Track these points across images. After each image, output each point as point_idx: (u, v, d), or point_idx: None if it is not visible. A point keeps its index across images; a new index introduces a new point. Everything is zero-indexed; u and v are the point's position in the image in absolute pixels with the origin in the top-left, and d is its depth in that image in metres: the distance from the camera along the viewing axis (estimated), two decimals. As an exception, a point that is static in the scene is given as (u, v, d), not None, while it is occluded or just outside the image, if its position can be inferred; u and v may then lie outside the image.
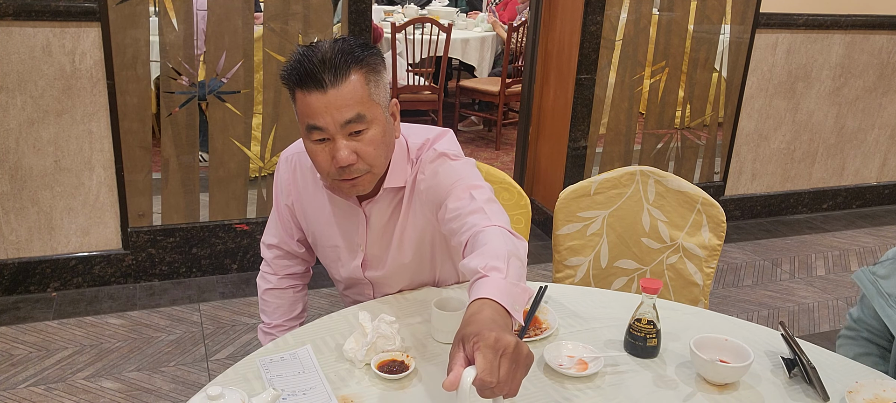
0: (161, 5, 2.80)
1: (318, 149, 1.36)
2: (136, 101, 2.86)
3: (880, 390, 1.26)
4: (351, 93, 1.31)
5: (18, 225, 2.88)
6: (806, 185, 4.35)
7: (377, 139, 1.36)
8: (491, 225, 1.27)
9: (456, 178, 1.40)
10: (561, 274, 2.03)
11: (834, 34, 4.00)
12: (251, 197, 3.19)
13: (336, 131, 1.32)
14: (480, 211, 1.32)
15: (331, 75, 1.30)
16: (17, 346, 2.60)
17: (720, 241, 1.90)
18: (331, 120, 1.31)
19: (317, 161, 1.37)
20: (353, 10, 3.04)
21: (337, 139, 1.33)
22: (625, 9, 3.53)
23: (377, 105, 1.36)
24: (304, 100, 1.32)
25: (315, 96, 1.31)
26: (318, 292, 3.10)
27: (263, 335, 1.75)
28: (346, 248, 1.57)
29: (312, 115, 1.32)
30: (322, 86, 1.30)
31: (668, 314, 1.51)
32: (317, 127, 1.33)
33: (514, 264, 1.17)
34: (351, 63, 1.31)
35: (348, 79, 1.31)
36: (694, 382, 1.31)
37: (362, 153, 1.35)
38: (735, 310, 3.20)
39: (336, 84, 1.30)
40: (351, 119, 1.32)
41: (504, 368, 0.96)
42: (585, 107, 3.62)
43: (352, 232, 1.55)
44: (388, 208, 1.51)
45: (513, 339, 0.98)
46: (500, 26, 5.86)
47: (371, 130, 1.35)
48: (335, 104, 1.30)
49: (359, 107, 1.32)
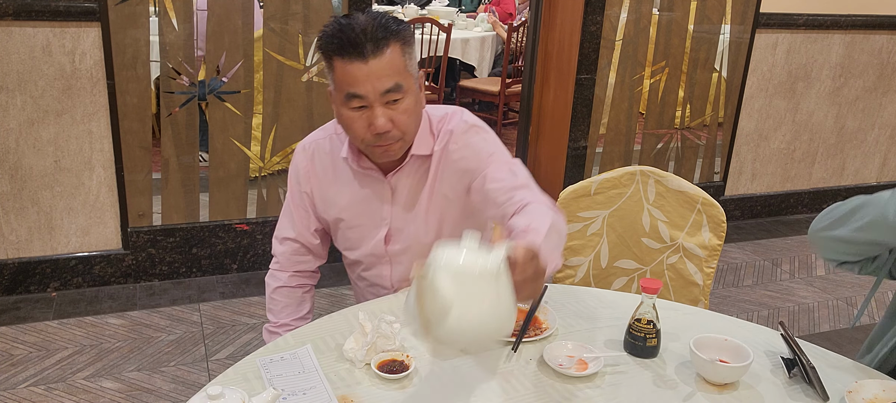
0: (161, 5, 2.80)
1: (356, 116, 1.42)
2: (136, 101, 2.86)
3: (880, 390, 1.26)
4: (390, 63, 1.38)
5: (18, 225, 2.88)
6: (806, 185, 4.35)
7: (411, 108, 1.44)
8: (537, 202, 1.36)
9: (491, 150, 1.50)
10: (561, 274, 2.04)
11: (834, 34, 4.00)
12: (251, 197, 3.19)
13: (375, 99, 1.39)
14: (525, 187, 1.41)
15: (372, 46, 1.36)
16: (17, 346, 2.60)
17: (720, 241, 1.90)
18: (371, 88, 1.38)
19: (353, 127, 1.43)
20: (353, 10, 3.04)
21: (375, 107, 1.40)
22: (625, 9, 3.53)
23: (411, 76, 1.44)
24: (344, 68, 1.38)
25: (356, 66, 1.37)
26: (318, 292, 3.10)
27: (269, 334, 1.75)
28: (371, 225, 1.61)
29: (353, 84, 1.38)
30: (363, 56, 1.36)
31: (668, 314, 1.51)
32: (357, 95, 1.39)
33: (553, 237, 1.27)
34: (390, 35, 1.38)
35: (388, 51, 1.37)
36: (694, 382, 1.31)
37: (397, 121, 1.42)
38: (735, 310, 3.20)
39: (377, 54, 1.36)
40: (390, 88, 1.39)
41: (529, 270, 1.04)
42: (585, 107, 3.62)
43: (376, 206, 1.59)
44: (413, 178, 1.56)
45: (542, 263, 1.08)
46: (500, 26, 5.86)
47: (406, 100, 1.42)
48: (376, 73, 1.37)
49: (397, 77, 1.39)
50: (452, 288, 0.96)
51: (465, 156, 1.51)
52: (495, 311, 0.99)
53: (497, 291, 0.99)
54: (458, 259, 0.98)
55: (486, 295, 0.98)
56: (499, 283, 0.99)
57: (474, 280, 0.97)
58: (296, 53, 3.04)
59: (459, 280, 0.96)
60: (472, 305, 0.97)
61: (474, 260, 0.98)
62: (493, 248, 1.01)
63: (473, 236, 1.01)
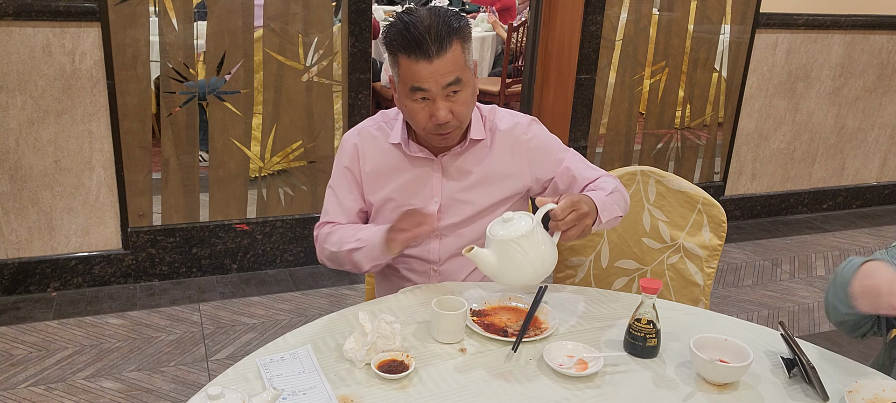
0: (161, 5, 2.80)
1: (419, 108, 1.54)
2: (136, 101, 2.86)
3: (880, 390, 1.26)
4: (452, 60, 1.49)
5: (18, 226, 2.88)
6: (806, 185, 4.35)
7: (469, 99, 1.56)
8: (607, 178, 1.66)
9: (557, 142, 1.72)
10: (562, 274, 2.04)
11: (834, 34, 4.00)
12: (251, 197, 3.19)
13: (437, 93, 1.51)
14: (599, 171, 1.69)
15: (437, 45, 1.47)
16: (17, 346, 2.60)
17: (721, 241, 1.90)
18: (434, 84, 1.49)
19: (416, 117, 1.55)
20: (353, 10, 3.04)
21: (437, 100, 1.51)
22: (625, 9, 3.53)
23: (469, 69, 1.55)
24: (409, 65, 1.49)
25: (422, 64, 1.48)
26: (318, 292, 3.10)
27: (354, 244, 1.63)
28: (421, 203, 1.67)
29: (418, 80, 1.50)
30: (428, 55, 1.47)
31: (668, 314, 1.51)
32: (421, 88, 1.50)
33: (616, 195, 1.59)
34: (452, 34, 1.49)
35: (450, 49, 1.48)
36: (694, 382, 1.31)
37: (456, 111, 1.54)
38: (735, 310, 3.20)
39: (441, 53, 1.47)
40: (451, 82, 1.50)
41: (571, 216, 1.39)
42: (585, 107, 3.62)
43: (427, 185, 1.67)
44: (465, 158, 1.66)
45: (585, 208, 1.42)
46: (500, 26, 5.86)
47: (464, 91, 1.54)
48: (440, 71, 1.48)
49: (458, 72, 1.51)
50: (493, 256, 1.36)
51: (538, 146, 1.68)
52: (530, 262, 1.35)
53: (530, 246, 1.35)
54: (499, 231, 1.37)
55: (516, 255, 1.35)
56: (532, 239, 1.35)
57: (507, 245, 1.35)
58: (296, 53, 3.04)
59: (499, 248, 1.36)
60: (509, 265, 1.36)
61: (509, 229, 1.36)
62: (535, 211, 1.39)
63: (511, 213, 1.39)
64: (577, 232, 1.41)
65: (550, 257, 1.38)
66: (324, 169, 3.21)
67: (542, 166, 1.69)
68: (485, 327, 1.43)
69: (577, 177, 1.67)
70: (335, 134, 3.18)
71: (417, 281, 1.71)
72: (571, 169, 1.68)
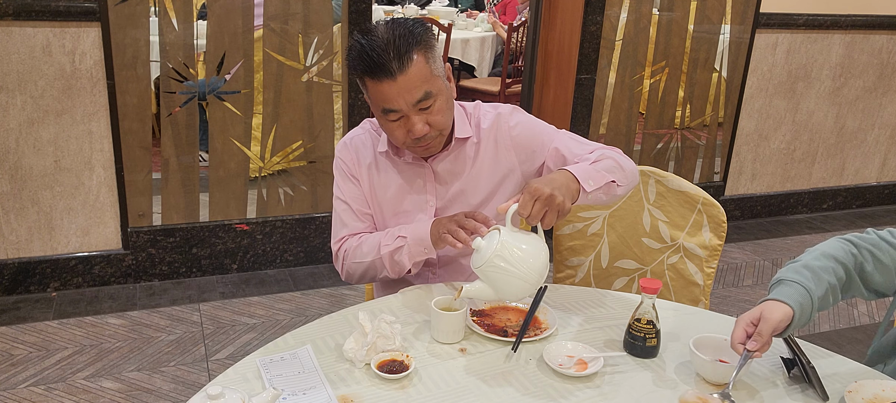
0: (161, 5, 2.80)
1: (395, 126, 1.51)
2: (136, 101, 2.86)
3: (879, 389, 1.26)
4: (417, 74, 1.45)
5: (18, 226, 2.88)
6: (806, 185, 4.35)
7: (443, 107, 1.52)
8: (600, 149, 1.58)
9: (543, 126, 1.67)
10: (562, 274, 2.04)
11: (834, 34, 4.00)
12: (251, 197, 3.19)
13: (409, 109, 1.48)
14: (594, 145, 1.62)
15: (397, 63, 1.43)
16: (17, 346, 2.60)
17: (721, 241, 1.90)
18: (403, 102, 1.46)
19: (394, 135, 1.53)
20: (353, 10, 3.04)
21: (411, 116, 1.49)
22: (625, 9, 3.53)
23: (438, 77, 1.50)
24: (376, 88, 1.47)
25: (386, 84, 1.45)
26: (318, 292, 3.10)
27: (390, 242, 1.60)
28: (417, 209, 1.66)
29: (386, 101, 1.47)
30: (391, 74, 1.43)
31: (668, 314, 1.51)
32: (392, 109, 1.48)
33: (605, 161, 1.52)
34: (412, 46, 1.45)
35: (413, 63, 1.44)
36: (693, 382, 1.31)
37: (433, 122, 1.51)
38: (735, 310, 3.20)
39: (403, 70, 1.44)
40: (420, 98, 1.47)
41: (537, 206, 1.33)
42: (585, 107, 3.62)
43: (420, 190, 1.66)
44: (455, 159, 1.64)
45: (548, 190, 1.34)
46: (500, 26, 5.86)
47: (437, 101, 1.50)
48: (405, 88, 1.45)
49: (426, 86, 1.47)
50: (483, 285, 1.37)
51: (522, 133, 1.64)
52: (517, 272, 1.33)
53: (510, 256, 1.33)
54: (475, 261, 1.37)
55: (501, 273, 1.33)
56: (507, 250, 1.33)
57: (487, 269, 1.34)
58: (296, 53, 3.04)
59: (483, 274, 1.36)
60: (501, 284, 1.35)
61: (482, 254, 1.35)
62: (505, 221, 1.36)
63: (479, 238, 1.39)
64: (553, 216, 1.35)
65: (536, 256, 1.35)
66: (324, 169, 3.21)
67: (529, 152, 1.65)
68: (485, 327, 1.43)
69: (567, 157, 1.61)
70: (335, 134, 3.18)
71: (417, 281, 1.71)
72: (561, 149, 1.62)
